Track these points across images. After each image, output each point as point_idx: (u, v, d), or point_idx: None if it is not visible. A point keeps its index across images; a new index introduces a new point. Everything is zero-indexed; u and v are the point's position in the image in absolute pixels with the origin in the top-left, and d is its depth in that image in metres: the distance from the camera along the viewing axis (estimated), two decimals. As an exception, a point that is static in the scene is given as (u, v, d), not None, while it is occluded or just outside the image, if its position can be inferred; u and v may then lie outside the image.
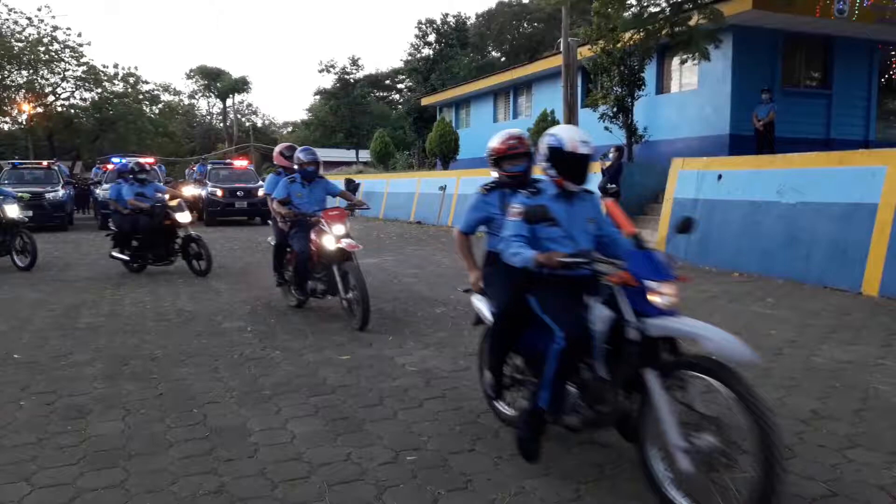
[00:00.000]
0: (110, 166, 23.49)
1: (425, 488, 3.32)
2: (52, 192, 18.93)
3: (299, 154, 7.52)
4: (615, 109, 16.78)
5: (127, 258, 10.71)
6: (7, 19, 37.44)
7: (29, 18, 36.72)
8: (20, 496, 3.27)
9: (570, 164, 3.48)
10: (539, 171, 3.70)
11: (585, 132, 3.64)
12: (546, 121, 19.71)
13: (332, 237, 6.83)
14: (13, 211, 11.19)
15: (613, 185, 12.86)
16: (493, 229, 4.07)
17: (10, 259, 11.36)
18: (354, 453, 3.73)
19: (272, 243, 8.04)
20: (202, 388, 4.93)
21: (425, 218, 21.57)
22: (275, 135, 77.85)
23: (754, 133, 14.86)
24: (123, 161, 22.31)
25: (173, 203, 10.59)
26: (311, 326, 6.92)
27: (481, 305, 4.02)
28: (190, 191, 25.41)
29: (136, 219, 10.39)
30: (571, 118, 17.81)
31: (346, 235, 6.88)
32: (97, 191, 21.70)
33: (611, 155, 13.17)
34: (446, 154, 25.64)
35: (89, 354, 5.87)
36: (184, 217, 10.30)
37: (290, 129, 79.79)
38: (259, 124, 79.36)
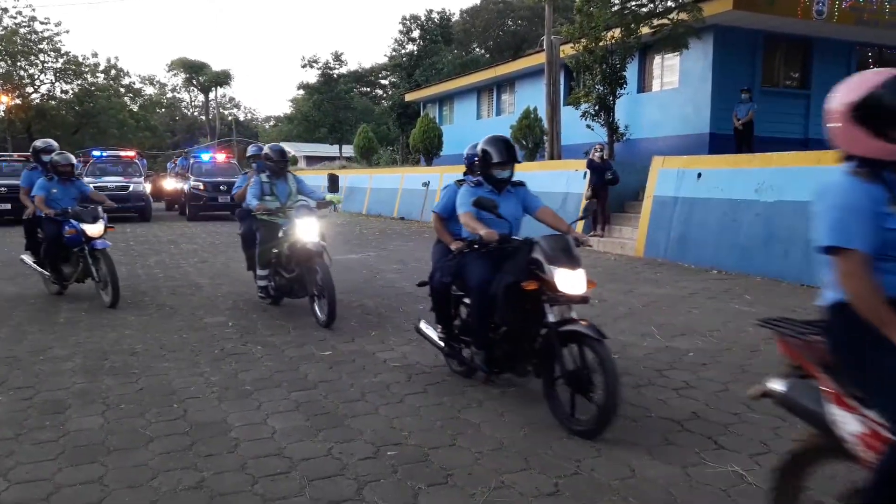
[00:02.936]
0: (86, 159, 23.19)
1: (406, 483, 3.34)
2: None
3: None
4: (597, 107, 16.86)
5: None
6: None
7: (4, 9, 36.20)
8: (-2, 491, 3.25)
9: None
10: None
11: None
12: (529, 118, 19.77)
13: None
14: (309, 229, 6.70)
15: (615, 171, 13.00)
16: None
17: (311, 308, 6.90)
18: (335, 448, 3.74)
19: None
20: (183, 383, 4.91)
21: (408, 213, 21.56)
22: (257, 129, 77.49)
23: (734, 132, 15.02)
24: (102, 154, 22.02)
25: None
26: (293, 322, 6.91)
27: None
28: (171, 184, 25.24)
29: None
30: (554, 115, 17.88)
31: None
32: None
33: (599, 153, 13.34)
34: (430, 150, 25.63)
35: (68, 349, 5.83)
36: None
37: (272, 122, 79.40)
38: (241, 118, 78.90)
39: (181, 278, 9.75)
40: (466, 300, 4.71)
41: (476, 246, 4.57)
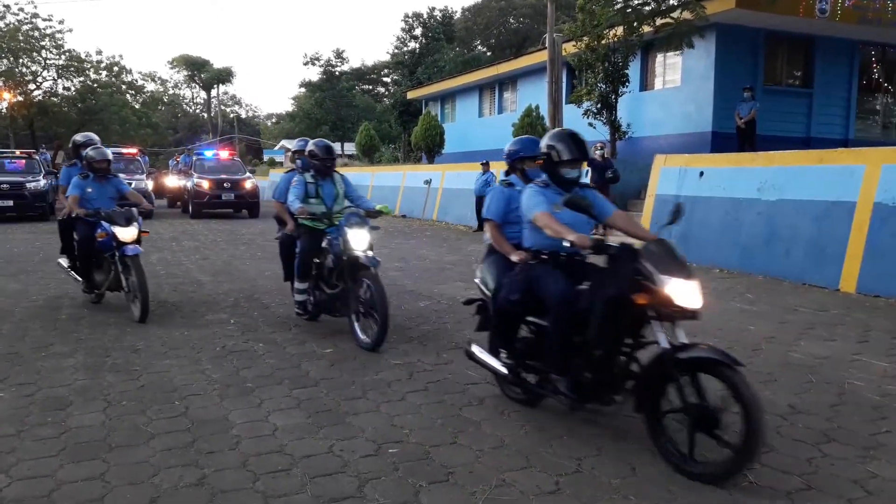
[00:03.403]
0: None
1: (407, 481, 3.34)
2: (33, 181, 18.69)
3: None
4: (599, 106, 16.87)
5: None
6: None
7: (7, 6, 36.19)
8: (-1, 488, 3.26)
9: None
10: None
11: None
12: (531, 116, 19.75)
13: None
14: (360, 240, 5.93)
15: (615, 169, 13.06)
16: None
17: (351, 328, 5.98)
18: (336, 446, 3.74)
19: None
20: (184, 380, 4.91)
21: (410, 211, 21.57)
22: (259, 126, 77.51)
23: (736, 131, 15.01)
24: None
25: None
26: (294, 319, 6.91)
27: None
28: (173, 182, 25.25)
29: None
30: (556, 114, 17.88)
31: None
32: None
33: (600, 150, 13.38)
34: (431, 148, 25.65)
35: (70, 346, 5.83)
36: None
37: (274, 120, 79.45)
38: (243, 115, 78.92)
39: (183, 275, 9.75)
40: (532, 319, 4.10)
41: (544, 255, 4.02)
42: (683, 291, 3.42)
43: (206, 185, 20.35)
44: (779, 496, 3.18)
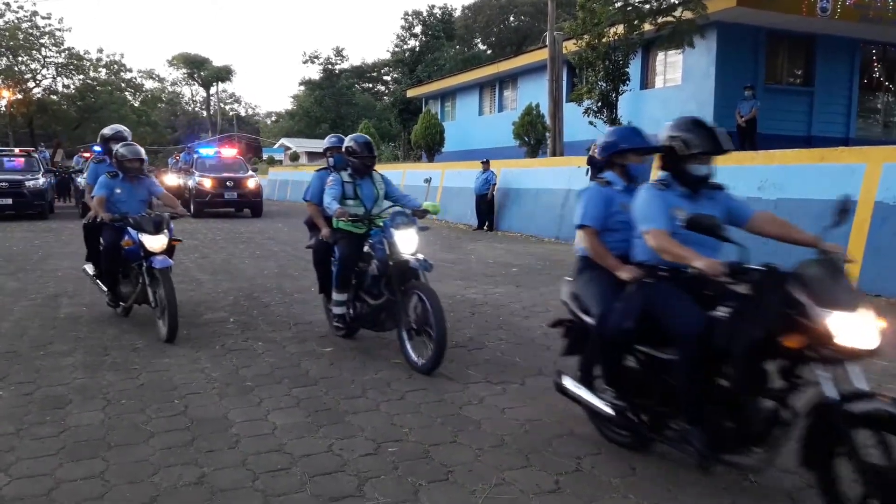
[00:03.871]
0: (87, 154, 23.15)
1: (406, 479, 3.33)
2: (32, 179, 18.66)
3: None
4: (599, 104, 16.86)
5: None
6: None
7: (7, 4, 36.19)
8: (-2, 486, 3.25)
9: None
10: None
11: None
12: (531, 114, 19.75)
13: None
14: (408, 242, 5.27)
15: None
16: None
17: (401, 347, 5.29)
18: (336, 445, 3.74)
19: None
20: (183, 378, 4.91)
21: (410, 210, 21.54)
22: (258, 124, 77.49)
23: (736, 129, 15.01)
24: None
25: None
26: (294, 318, 6.91)
27: None
28: (173, 180, 25.20)
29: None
30: (556, 112, 17.87)
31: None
32: (78, 179, 21.29)
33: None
34: (431, 146, 25.64)
35: (69, 344, 5.83)
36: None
37: (274, 118, 79.43)
38: (242, 113, 78.92)
39: (182, 274, 9.72)
40: (643, 348, 3.33)
41: (663, 272, 3.29)
42: (849, 327, 2.61)
43: (207, 183, 20.18)
44: (779, 495, 3.18)
